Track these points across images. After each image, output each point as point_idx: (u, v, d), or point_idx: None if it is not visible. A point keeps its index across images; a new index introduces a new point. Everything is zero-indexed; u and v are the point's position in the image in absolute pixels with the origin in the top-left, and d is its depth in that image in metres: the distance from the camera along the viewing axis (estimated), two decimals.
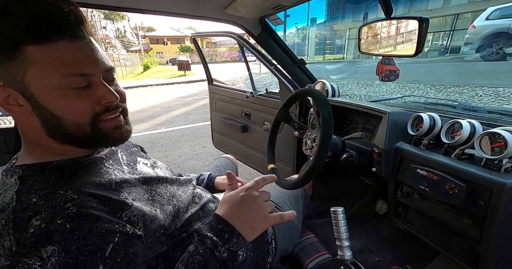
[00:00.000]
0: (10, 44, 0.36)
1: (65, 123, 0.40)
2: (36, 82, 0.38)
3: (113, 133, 0.45)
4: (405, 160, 0.74)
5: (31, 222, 0.33)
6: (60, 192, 0.37)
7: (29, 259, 0.31)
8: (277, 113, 0.99)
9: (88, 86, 0.41)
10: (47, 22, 0.36)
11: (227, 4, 0.92)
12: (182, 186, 0.64)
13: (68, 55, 0.38)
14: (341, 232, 0.66)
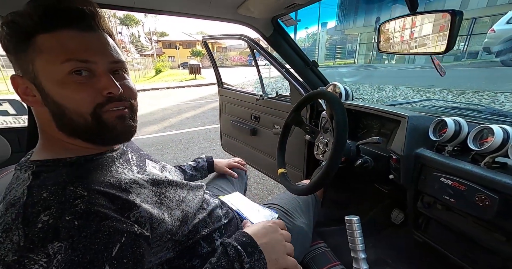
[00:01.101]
0: (25, 34, 0.38)
1: (68, 112, 0.40)
2: (42, 70, 0.39)
3: (116, 124, 0.44)
4: (427, 168, 0.69)
5: (40, 217, 0.33)
6: (70, 189, 0.37)
7: (35, 255, 0.31)
8: (288, 116, 0.96)
9: (91, 75, 0.41)
10: (58, 13, 0.38)
11: (239, 4, 0.90)
12: (192, 191, 0.62)
13: (73, 43, 0.39)
14: (356, 243, 0.62)
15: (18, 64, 0.40)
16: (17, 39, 0.39)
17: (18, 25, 0.38)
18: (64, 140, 0.44)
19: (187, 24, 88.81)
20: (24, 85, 0.41)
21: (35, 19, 0.38)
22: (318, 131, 0.95)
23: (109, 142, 0.48)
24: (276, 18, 1.08)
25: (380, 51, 0.66)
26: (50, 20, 0.38)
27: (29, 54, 0.38)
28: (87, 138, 0.44)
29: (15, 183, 0.39)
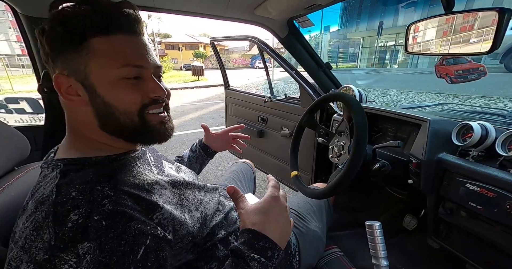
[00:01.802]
0: (79, 37, 0.39)
1: (117, 112, 0.42)
2: (97, 72, 0.40)
3: (159, 128, 0.46)
4: (450, 173, 0.67)
5: (69, 216, 0.33)
6: (98, 188, 0.37)
7: (66, 254, 0.31)
8: (301, 118, 0.94)
9: (140, 78, 0.43)
10: (112, 17, 0.40)
11: (256, 5, 0.90)
12: (209, 193, 0.62)
13: (127, 47, 0.41)
14: (378, 250, 0.60)
15: (65, 64, 0.40)
16: (71, 40, 0.39)
17: (73, 26, 0.39)
18: (98, 139, 0.45)
19: (190, 26, 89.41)
20: (69, 84, 0.41)
21: (92, 22, 0.39)
22: (333, 134, 0.93)
23: (149, 141, 0.49)
24: (292, 19, 1.08)
25: (408, 52, 0.65)
26: (105, 24, 0.40)
27: (82, 55, 0.39)
28: (130, 138, 0.45)
29: (43, 181, 0.39)
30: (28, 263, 0.31)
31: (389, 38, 18.46)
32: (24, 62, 17.92)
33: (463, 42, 0.52)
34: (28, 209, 0.36)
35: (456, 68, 1.31)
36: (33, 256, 0.31)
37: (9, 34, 22.37)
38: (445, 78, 1.36)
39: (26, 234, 0.33)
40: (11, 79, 9.45)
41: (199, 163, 0.88)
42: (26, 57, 17.70)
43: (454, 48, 0.54)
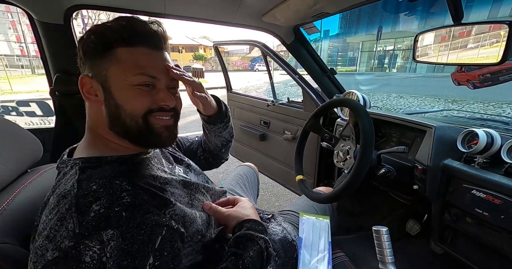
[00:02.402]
0: (107, 45, 0.44)
1: (124, 113, 0.44)
2: (114, 76, 0.44)
3: (162, 132, 0.48)
4: (456, 179, 0.67)
5: (91, 207, 0.35)
6: (116, 182, 0.39)
7: (90, 241, 0.32)
8: (306, 122, 0.95)
9: (153, 87, 0.46)
10: (138, 33, 0.45)
11: (264, 12, 0.91)
12: (216, 196, 0.63)
13: (145, 59, 0.45)
14: (385, 255, 0.60)
15: (92, 67, 0.45)
16: (100, 47, 0.44)
17: (105, 37, 0.44)
18: (110, 139, 0.47)
19: (190, 28, 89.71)
20: (90, 84, 0.45)
21: (121, 35, 0.44)
22: (338, 139, 0.94)
23: (153, 145, 0.52)
24: (299, 26, 1.09)
25: (416, 61, 0.66)
26: (131, 37, 0.44)
27: (106, 61, 0.43)
28: (135, 140, 0.47)
29: (63, 178, 0.42)
30: (53, 251, 0.32)
31: (388, 42, 18.64)
32: (23, 63, 17.87)
33: (471, 52, 0.53)
34: (50, 203, 0.38)
35: (481, 72, 1.27)
36: (58, 244, 0.32)
37: (8, 35, 22.37)
38: (466, 85, 1.34)
39: (50, 225, 0.35)
40: (10, 79, 9.41)
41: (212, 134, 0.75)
42: (25, 57, 17.55)
43: (462, 58, 0.55)
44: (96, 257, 0.32)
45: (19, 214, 0.45)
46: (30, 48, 21.38)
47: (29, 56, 19.72)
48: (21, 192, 0.49)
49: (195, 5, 0.89)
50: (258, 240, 0.49)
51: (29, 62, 18.20)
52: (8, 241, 0.40)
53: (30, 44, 21.61)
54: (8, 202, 0.45)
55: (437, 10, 12.63)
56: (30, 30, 16.51)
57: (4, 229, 0.40)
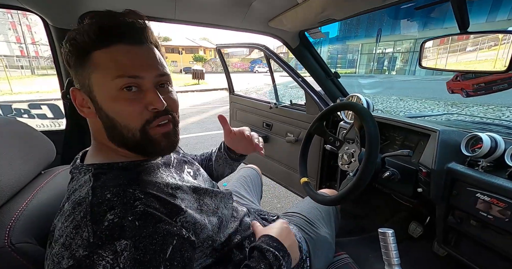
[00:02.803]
0: (83, 51, 0.40)
1: (119, 125, 0.42)
2: (97, 85, 0.41)
3: (161, 140, 0.45)
4: (460, 183, 0.69)
5: (106, 216, 0.35)
6: (130, 191, 0.39)
7: (103, 251, 0.32)
8: (310, 125, 0.96)
9: (138, 90, 0.42)
10: (111, 29, 0.40)
11: (271, 18, 0.93)
12: (224, 199, 0.63)
13: (124, 58, 0.40)
14: (391, 257, 0.61)
15: (77, 78, 0.43)
16: (77, 55, 0.41)
17: (77, 42, 0.40)
18: (113, 147, 0.46)
19: (190, 30, 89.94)
20: (81, 97, 0.43)
21: (91, 36, 0.39)
22: (342, 142, 0.95)
23: (153, 155, 0.50)
24: (305, 31, 1.11)
25: (422, 67, 0.67)
26: (104, 37, 0.40)
27: (86, 69, 0.41)
28: (133, 150, 0.46)
29: (77, 184, 0.42)
30: (69, 259, 0.32)
31: (388, 45, 18.74)
32: (22, 63, 17.86)
33: (477, 60, 0.54)
34: (65, 210, 0.38)
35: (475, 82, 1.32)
36: (73, 252, 0.32)
37: (8, 35, 22.37)
38: (459, 93, 1.38)
39: (66, 232, 0.35)
40: (9, 80, 9.40)
41: (227, 166, 0.81)
42: (24, 58, 17.50)
43: (468, 65, 0.57)
44: (109, 267, 0.31)
45: (36, 215, 0.46)
46: (30, 48, 21.38)
47: (29, 56, 19.73)
48: (38, 194, 0.50)
49: (204, 11, 0.90)
50: (266, 252, 0.48)
51: (29, 62, 18.19)
52: (29, 240, 0.41)
53: (30, 45, 21.62)
54: (27, 203, 0.46)
55: (437, 15, 12.74)
56: (29, 31, 16.49)
57: (24, 229, 0.42)
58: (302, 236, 0.76)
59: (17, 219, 0.42)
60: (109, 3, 0.82)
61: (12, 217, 0.42)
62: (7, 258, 0.38)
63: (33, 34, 23.51)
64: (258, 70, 27.64)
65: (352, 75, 18.13)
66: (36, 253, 0.41)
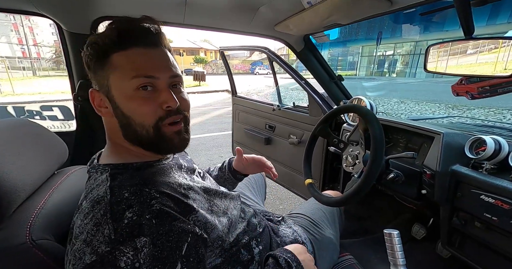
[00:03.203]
0: (103, 53, 0.43)
1: (134, 123, 0.44)
2: (115, 85, 0.43)
3: (173, 138, 0.48)
4: (464, 185, 0.70)
5: (125, 214, 0.36)
6: (146, 190, 0.41)
7: (125, 247, 0.33)
8: (315, 127, 0.97)
9: (153, 89, 0.44)
10: (130, 32, 0.43)
11: (278, 22, 0.95)
12: (233, 201, 0.65)
13: (140, 59, 0.43)
14: (397, 257, 0.62)
15: (96, 80, 0.45)
16: (97, 57, 0.43)
17: (98, 45, 0.43)
18: (128, 147, 0.48)
19: (191, 32, 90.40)
20: (99, 98, 0.46)
21: (111, 39, 0.43)
22: (346, 144, 0.96)
23: (165, 152, 0.52)
24: (309, 35, 1.13)
25: (427, 71, 0.69)
26: (123, 40, 0.43)
27: (105, 70, 0.43)
28: (147, 147, 0.48)
29: (94, 183, 0.43)
30: (91, 255, 0.34)
31: (388, 47, 18.80)
32: (24, 65, 17.94)
33: (482, 64, 0.55)
34: (84, 208, 0.40)
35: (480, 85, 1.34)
36: (95, 248, 0.34)
37: (10, 37, 22.50)
38: (465, 96, 1.40)
39: (87, 229, 0.36)
40: (12, 81, 9.45)
41: (229, 185, 0.86)
42: (26, 59, 17.57)
43: (473, 70, 0.58)
44: (129, 262, 0.33)
45: (53, 214, 0.47)
46: (31, 50, 21.48)
47: (31, 58, 19.82)
48: (53, 193, 0.51)
49: (212, 15, 0.92)
50: (279, 258, 0.52)
51: (31, 64, 18.27)
52: (47, 237, 0.43)
53: (31, 47, 21.72)
54: (44, 202, 0.48)
55: (437, 19, 12.80)
56: (32, 33, 16.55)
57: (42, 227, 0.43)
58: (307, 237, 0.77)
59: (36, 217, 0.44)
60: (120, 9, 0.85)
61: (32, 215, 0.44)
62: (29, 254, 0.39)
63: (35, 36, 23.65)
64: (258, 72, 27.73)
65: (353, 77, 18.17)
66: (55, 249, 0.42)
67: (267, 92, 9.84)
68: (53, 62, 18.98)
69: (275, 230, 0.75)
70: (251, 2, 0.81)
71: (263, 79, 18.23)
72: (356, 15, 0.80)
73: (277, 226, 0.78)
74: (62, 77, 13.62)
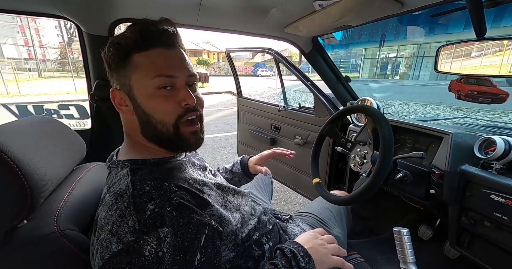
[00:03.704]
0: (125, 54, 0.45)
1: (154, 121, 0.46)
2: (136, 84, 0.45)
3: (190, 138, 0.50)
4: (473, 184, 0.70)
5: (147, 206, 0.38)
6: (166, 184, 0.43)
7: (149, 237, 0.36)
8: (322, 127, 0.98)
9: (172, 88, 0.47)
10: (150, 34, 0.45)
11: (287, 24, 0.97)
12: (245, 198, 0.66)
13: (160, 59, 0.45)
14: (407, 255, 0.62)
15: (117, 79, 0.47)
16: (119, 57, 0.45)
17: (121, 46, 0.45)
18: (145, 144, 0.50)
19: (194, 34, 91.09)
20: (120, 96, 0.48)
21: (134, 40, 0.45)
22: (354, 144, 0.97)
23: (182, 150, 0.54)
24: (317, 36, 1.14)
25: (438, 71, 0.70)
26: (144, 41, 0.45)
27: (127, 70, 0.45)
28: (164, 144, 0.50)
29: (115, 178, 0.46)
30: (117, 244, 0.36)
31: (391, 50, 18.76)
32: (30, 66, 18.16)
33: (492, 65, 0.56)
34: (107, 201, 0.42)
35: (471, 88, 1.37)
36: (121, 238, 0.36)
37: (17, 38, 22.81)
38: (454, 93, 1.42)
39: (112, 220, 0.38)
40: (18, 82, 9.57)
41: (241, 182, 0.91)
42: (32, 60, 17.75)
43: (483, 70, 0.59)
44: (153, 251, 0.35)
45: (76, 206, 0.50)
46: (37, 51, 21.76)
47: (36, 59, 20.06)
48: (76, 187, 0.54)
49: (225, 17, 0.95)
50: (285, 250, 0.53)
51: (36, 65, 18.49)
52: (73, 228, 0.45)
53: (37, 48, 22.00)
54: (68, 195, 0.50)
55: (442, 21, 12.76)
56: (37, 34, 16.72)
57: (68, 218, 0.46)
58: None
59: (62, 208, 0.46)
60: (137, 11, 0.88)
61: (58, 207, 0.46)
62: (57, 243, 0.41)
63: (40, 38, 23.96)
64: (261, 73, 27.77)
65: (356, 79, 18.16)
66: (80, 239, 0.44)
67: (270, 94, 9.87)
68: (58, 64, 19.20)
69: (284, 228, 0.76)
70: (263, 4, 0.83)
71: (265, 81, 18.29)
72: (367, 17, 0.81)
73: (285, 224, 0.79)
74: (67, 78, 13.77)
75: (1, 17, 18.07)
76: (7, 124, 0.48)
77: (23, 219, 0.42)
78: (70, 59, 15.55)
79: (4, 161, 0.39)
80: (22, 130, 0.48)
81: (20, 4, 0.80)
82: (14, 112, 3.59)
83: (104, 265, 0.35)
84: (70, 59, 15.49)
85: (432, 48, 15.46)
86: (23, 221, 0.43)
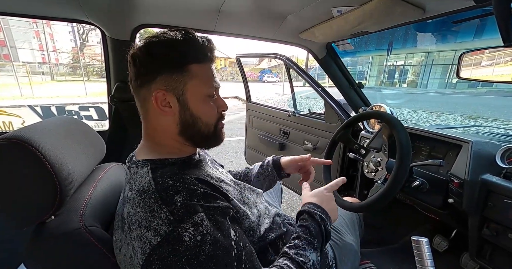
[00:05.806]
0: (181, 63, 0.50)
1: (200, 122, 0.52)
2: (192, 90, 0.51)
3: (222, 134, 0.58)
4: (495, 195, 0.68)
5: (175, 198, 0.41)
6: (187, 177, 0.46)
7: (185, 224, 0.39)
8: (335, 133, 0.98)
9: (214, 96, 0.54)
10: (205, 50, 0.52)
11: (303, 30, 0.98)
12: (259, 196, 0.67)
13: (210, 72, 0.53)
14: (426, 265, 0.60)
15: (166, 82, 0.49)
16: (176, 65, 0.50)
17: (178, 51, 0.49)
18: (169, 144, 0.54)
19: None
20: (164, 97, 0.50)
21: (196, 53, 0.51)
22: (368, 150, 0.96)
23: (211, 146, 0.58)
24: (331, 42, 1.15)
25: (459, 78, 0.69)
26: (204, 56, 0.52)
27: (184, 76, 0.50)
28: (198, 142, 0.55)
29: (136, 176, 0.48)
30: (156, 237, 0.38)
31: (399, 57, 18.70)
32: (43, 70, 18.72)
33: (493, 75, 0.55)
34: (131, 198, 0.44)
35: None
36: (157, 231, 0.38)
37: (32, 43, 23.66)
38: None
39: (141, 216, 0.41)
40: (31, 85, 9.87)
41: (267, 182, 0.85)
42: (45, 64, 18.28)
43: (507, 77, 0.58)
44: (192, 237, 0.38)
45: (98, 204, 0.51)
46: (51, 56, 22.50)
47: (49, 63, 20.72)
48: (98, 186, 0.55)
49: (242, 23, 0.97)
50: (314, 215, 0.56)
51: (49, 69, 19.07)
52: (96, 224, 0.47)
53: (51, 53, 22.76)
54: (91, 192, 0.52)
55: (452, 31, 12.67)
56: (52, 39, 17.23)
57: (91, 215, 0.47)
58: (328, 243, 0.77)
59: (86, 206, 0.48)
60: (159, 17, 0.92)
61: (82, 204, 0.48)
62: (83, 239, 0.43)
63: (54, 42, 24.82)
64: (267, 79, 27.94)
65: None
66: (103, 236, 0.46)
67: (277, 100, 9.90)
68: (70, 68, 19.77)
69: None
70: (280, 10, 0.84)
71: (271, 86, 18.39)
72: (386, 23, 0.81)
73: None
74: (78, 82, 14.12)
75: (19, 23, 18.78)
76: (37, 123, 0.50)
77: (52, 215, 0.44)
78: (81, 63, 16.01)
79: (38, 158, 0.40)
80: (51, 130, 0.49)
81: (52, 11, 0.88)
82: (38, 113, 3.72)
83: (148, 258, 0.37)
84: (82, 63, 15.94)
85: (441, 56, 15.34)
86: (51, 216, 0.44)
